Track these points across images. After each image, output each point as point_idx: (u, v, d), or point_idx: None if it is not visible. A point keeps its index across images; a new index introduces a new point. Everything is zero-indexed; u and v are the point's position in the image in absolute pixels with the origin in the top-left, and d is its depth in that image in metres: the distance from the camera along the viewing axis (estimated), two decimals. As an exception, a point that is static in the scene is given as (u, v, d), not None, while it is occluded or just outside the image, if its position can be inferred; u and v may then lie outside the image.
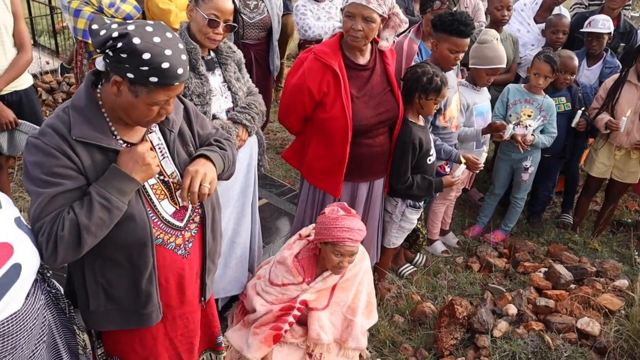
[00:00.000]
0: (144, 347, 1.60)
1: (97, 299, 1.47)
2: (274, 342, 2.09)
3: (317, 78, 2.12)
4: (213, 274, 1.72)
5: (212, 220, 1.59)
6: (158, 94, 1.29)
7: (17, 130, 2.70)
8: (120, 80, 1.28)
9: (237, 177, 2.24)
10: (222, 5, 1.94)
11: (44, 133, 1.32)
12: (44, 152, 1.29)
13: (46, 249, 1.28)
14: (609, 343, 2.20)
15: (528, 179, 3.21)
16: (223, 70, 2.11)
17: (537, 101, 3.04)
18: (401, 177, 2.38)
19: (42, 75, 4.67)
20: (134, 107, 1.31)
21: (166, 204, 1.47)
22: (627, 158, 3.16)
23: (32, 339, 1.30)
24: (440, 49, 2.45)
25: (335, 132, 2.19)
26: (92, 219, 1.29)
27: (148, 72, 1.25)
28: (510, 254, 3.22)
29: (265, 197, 3.49)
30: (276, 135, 4.55)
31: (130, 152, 1.35)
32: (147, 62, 1.24)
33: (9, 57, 2.63)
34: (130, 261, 1.42)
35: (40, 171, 1.29)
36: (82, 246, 1.30)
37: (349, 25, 2.06)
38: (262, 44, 3.48)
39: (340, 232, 2.00)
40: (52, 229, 1.28)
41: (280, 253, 2.22)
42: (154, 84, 1.27)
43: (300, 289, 2.13)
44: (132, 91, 1.28)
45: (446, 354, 2.34)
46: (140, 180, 1.36)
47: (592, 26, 3.28)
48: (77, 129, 1.31)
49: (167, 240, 1.47)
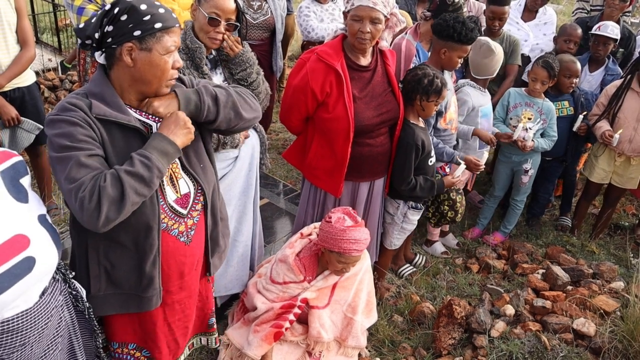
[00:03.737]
0: (143, 329, 1.63)
1: (99, 282, 1.48)
2: (275, 340, 2.10)
3: (320, 79, 2.14)
4: (220, 253, 1.74)
5: (212, 207, 1.62)
6: (166, 40, 1.36)
7: (20, 127, 2.70)
8: (130, 46, 1.33)
9: (239, 177, 2.26)
10: (223, 4, 1.95)
11: (65, 109, 1.33)
12: (69, 122, 1.31)
13: (90, 202, 1.24)
14: (603, 343, 2.22)
15: (528, 181, 3.24)
16: (224, 69, 2.13)
17: (537, 104, 3.06)
18: (404, 179, 2.39)
19: (44, 72, 4.68)
20: (152, 65, 1.36)
21: (169, 191, 1.49)
22: (627, 164, 3.18)
23: (45, 339, 1.31)
24: (449, 55, 2.47)
25: (337, 132, 2.20)
26: (133, 174, 1.28)
27: (151, 19, 1.33)
28: (509, 255, 3.25)
29: (266, 197, 3.52)
30: (278, 136, 4.56)
31: (172, 116, 1.40)
32: (146, 11, 1.33)
33: (12, 54, 2.64)
34: (136, 244, 1.44)
35: (68, 140, 1.29)
36: (126, 201, 1.27)
37: (356, 28, 2.07)
38: (265, 44, 3.50)
39: (347, 244, 2.01)
40: (94, 183, 1.26)
41: (282, 251, 2.24)
42: (160, 30, 1.34)
43: (301, 287, 2.15)
44: (145, 49, 1.34)
45: (444, 353, 2.36)
46: (180, 144, 1.39)
47: (602, 30, 3.29)
48: (97, 107, 1.35)
49: (171, 226, 1.50)
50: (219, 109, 1.50)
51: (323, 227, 2.08)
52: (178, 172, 1.51)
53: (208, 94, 1.49)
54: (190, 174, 1.53)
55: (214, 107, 1.49)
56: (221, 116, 1.50)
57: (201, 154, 1.57)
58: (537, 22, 3.82)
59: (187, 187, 1.53)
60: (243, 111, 1.55)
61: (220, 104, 1.50)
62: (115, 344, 1.66)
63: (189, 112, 1.45)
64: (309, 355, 2.18)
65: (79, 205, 1.25)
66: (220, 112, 1.50)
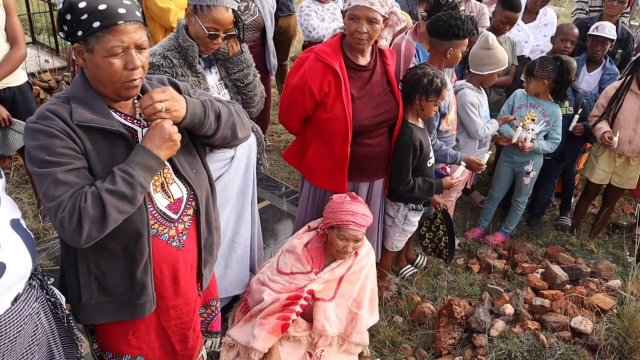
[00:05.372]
0: (137, 337, 1.58)
1: (90, 291, 1.44)
2: (282, 332, 2.07)
3: (318, 78, 2.13)
4: (211, 265, 1.70)
5: (206, 212, 1.57)
6: (108, 40, 1.24)
7: (11, 129, 2.62)
8: (78, 46, 1.28)
9: (236, 177, 2.24)
10: (221, 17, 1.92)
11: (44, 117, 1.27)
12: (47, 134, 1.25)
13: (69, 223, 1.21)
14: (600, 340, 2.23)
15: (529, 183, 3.24)
16: (220, 68, 2.12)
17: (542, 106, 3.07)
18: (402, 180, 2.39)
19: (40, 74, 4.60)
20: (97, 66, 1.27)
21: (160, 197, 1.45)
22: (626, 164, 3.20)
23: (17, 347, 1.26)
24: (454, 53, 2.47)
25: (336, 132, 2.20)
26: (115, 193, 1.24)
27: (88, 18, 1.23)
28: (509, 255, 3.25)
29: (267, 198, 3.50)
30: (280, 137, 4.53)
31: (157, 128, 1.33)
32: (84, 9, 1.24)
33: (1, 53, 2.55)
34: (126, 251, 1.41)
35: (45, 153, 1.24)
36: (108, 220, 1.24)
37: (354, 27, 2.06)
38: (257, 45, 3.46)
39: (345, 215, 2.07)
40: (74, 203, 1.22)
41: (290, 242, 2.23)
42: (99, 29, 1.24)
43: (308, 278, 2.14)
44: (89, 50, 1.26)
45: (444, 353, 2.36)
46: (163, 157, 1.34)
47: (599, 31, 3.33)
48: (78, 114, 1.30)
49: (161, 231, 1.46)
50: (219, 127, 1.46)
51: (325, 208, 2.12)
52: (170, 177, 1.47)
53: (212, 110, 1.45)
54: (183, 178, 1.50)
55: (215, 124, 1.45)
56: (219, 134, 1.47)
57: (194, 158, 1.53)
58: (537, 23, 3.83)
59: (180, 191, 1.50)
60: (239, 131, 1.53)
61: (222, 122, 1.46)
62: (110, 354, 1.61)
63: (190, 124, 1.40)
64: (310, 357, 2.17)
65: (59, 224, 1.22)
66: (220, 130, 1.46)
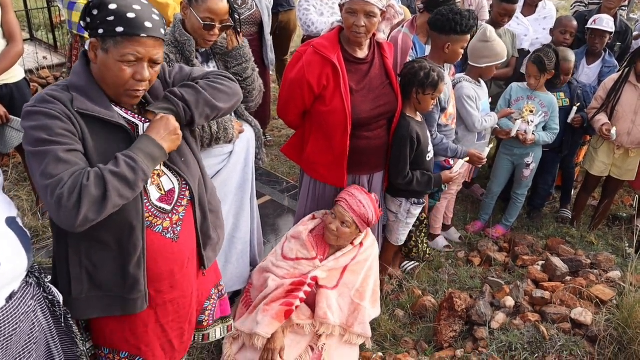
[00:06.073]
0: (134, 335, 1.55)
1: (81, 284, 1.41)
2: (286, 318, 2.08)
3: (317, 71, 2.13)
4: (213, 245, 1.67)
5: (200, 199, 1.57)
6: (125, 47, 1.28)
7: (9, 126, 2.60)
8: (94, 42, 1.30)
9: (235, 172, 2.24)
10: (216, 7, 1.92)
11: (44, 100, 1.27)
12: (48, 115, 1.24)
13: (68, 200, 1.18)
14: (599, 331, 2.24)
15: (529, 175, 3.25)
16: (218, 62, 2.12)
17: (539, 97, 3.08)
18: (400, 172, 2.39)
19: (38, 70, 4.58)
20: (107, 67, 1.30)
21: (153, 190, 1.44)
22: (625, 156, 3.20)
23: (13, 345, 1.25)
24: (453, 48, 2.47)
25: (335, 125, 2.20)
26: (118, 175, 1.23)
27: (114, 21, 1.27)
28: (510, 248, 3.26)
29: (268, 194, 3.50)
30: (281, 132, 4.50)
31: (162, 120, 1.36)
32: (113, 11, 1.27)
33: None
34: (119, 243, 1.39)
35: (45, 133, 1.22)
36: (107, 203, 1.22)
37: (351, 21, 2.06)
38: (255, 39, 3.44)
39: (344, 193, 2.24)
40: (75, 180, 1.20)
41: (295, 229, 2.24)
42: (121, 35, 1.27)
43: (312, 264, 2.15)
44: (104, 49, 1.29)
45: (445, 346, 2.37)
46: (167, 149, 1.36)
47: (597, 24, 3.33)
48: (79, 102, 1.30)
49: (154, 223, 1.44)
50: (192, 111, 1.44)
51: None
52: (159, 169, 1.46)
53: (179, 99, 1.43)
54: (173, 169, 1.48)
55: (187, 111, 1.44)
56: (196, 116, 1.45)
57: (182, 147, 1.51)
58: (536, 16, 3.82)
59: (171, 183, 1.48)
60: (219, 102, 1.49)
61: (191, 105, 1.44)
62: (106, 349, 1.58)
63: None
64: (312, 350, 2.17)
65: (56, 202, 1.18)
66: (194, 113, 1.44)
